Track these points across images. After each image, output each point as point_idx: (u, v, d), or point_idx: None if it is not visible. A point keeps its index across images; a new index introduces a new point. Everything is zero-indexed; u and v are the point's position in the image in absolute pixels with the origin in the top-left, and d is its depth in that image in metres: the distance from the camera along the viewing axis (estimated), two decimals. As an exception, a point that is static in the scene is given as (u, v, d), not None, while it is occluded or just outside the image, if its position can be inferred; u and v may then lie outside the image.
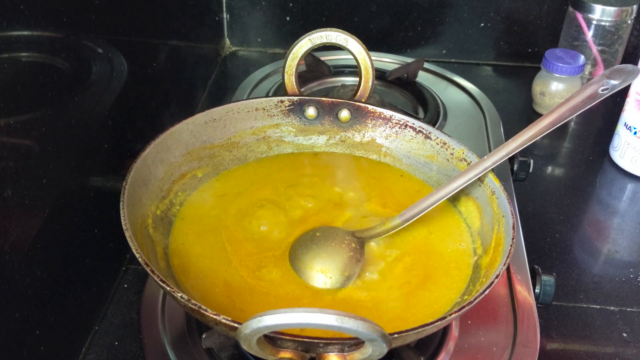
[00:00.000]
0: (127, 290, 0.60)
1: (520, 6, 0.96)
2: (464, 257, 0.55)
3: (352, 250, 0.53)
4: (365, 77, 0.64)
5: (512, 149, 0.55)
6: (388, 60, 0.95)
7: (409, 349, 0.51)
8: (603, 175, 0.80)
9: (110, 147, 0.59)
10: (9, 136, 0.43)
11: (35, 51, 0.46)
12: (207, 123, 0.61)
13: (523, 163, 0.73)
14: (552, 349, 0.58)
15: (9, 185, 0.42)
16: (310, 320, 0.35)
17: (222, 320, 0.41)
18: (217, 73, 0.96)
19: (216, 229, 0.56)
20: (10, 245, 0.43)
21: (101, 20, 0.56)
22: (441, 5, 0.96)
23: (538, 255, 0.67)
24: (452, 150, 0.60)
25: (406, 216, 0.55)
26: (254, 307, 0.49)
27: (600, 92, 0.55)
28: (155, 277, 0.44)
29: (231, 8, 0.98)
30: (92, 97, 0.55)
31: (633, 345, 0.58)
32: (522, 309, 0.57)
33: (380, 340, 0.37)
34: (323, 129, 0.66)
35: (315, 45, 0.63)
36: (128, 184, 0.51)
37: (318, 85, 0.89)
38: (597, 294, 0.63)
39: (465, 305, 0.44)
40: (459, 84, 0.91)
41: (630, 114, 0.77)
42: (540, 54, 0.88)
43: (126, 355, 0.54)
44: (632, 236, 0.71)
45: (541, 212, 0.74)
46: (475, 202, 0.57)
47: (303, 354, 0.41)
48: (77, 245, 0.54)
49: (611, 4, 0.87)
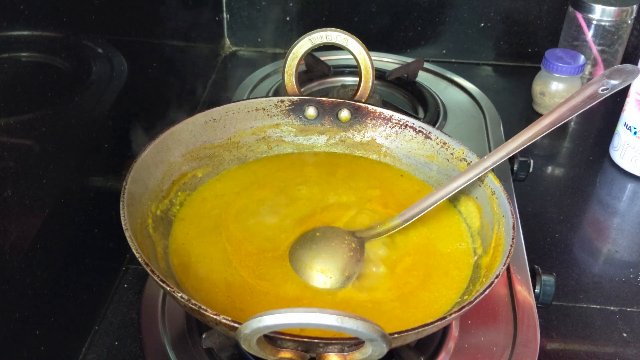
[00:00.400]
0: (127, 290, 0.60)
1: (520, 6, 0.96)
2: (464, 257, 0.55)
3: (352, 250, 0.53)
4: (365, 77, 0.64)
5: (512, 149, 0.55)
6: (388, 60, 0.95)
7: (409, 349, 0.51)
8: (603, 175, 0.80)
9: (110, 147, 0.59)
10: (9, 136, 0.43)
11: (35, 51, 0.46)
12: (207, 123, 0.61)
13: (523, 163, 0.73)
14: (552, 349, 0.58)
15: (9, 185, 0.42)
16: (310, 320, 0.35)
17: (222, 320, 0.41)
18: (217, 73, 0.96)
19: (216, 228, 0.56)
20: (10, 245, 0.43)
21: (101, 20, 0.56)
22: (441, 5, 0.96)
23: (538, 255, 0.67)
24: (452, 150, 0.60)
25: (406, 216, 0.55)
26: (254, 307, 0.49)
27: (600, 92, 0.55)
28: (155, 277, 0.44)
29: (231, 8, 0.98)
30: (92, 97, 0.55)
31: (633, 345, 0.58)
32: (522, 309, 0.57)
33: (380, 340, 0.37)
34: (323, 129, 0.66)
35: (315, 45, 0.63)
36: (128, 184, 0.51)
37: (318, 85, 0.89)
38: (597, 294, 0.63)
39: (465, 305, 0.44)
40: (459, 84, 0.91)
41: (630, 113, 0.77)
42: (540, 54, 0.88)
43: (126, 355, 0.54)
44: (632, 236, 0.71)
45: (541, 212, 0.74)
46: (476, 202, 0.57)
47: (303, 354, 0.41)
48: (77, 245, 0.54)
49: (611, 4, 0.87)
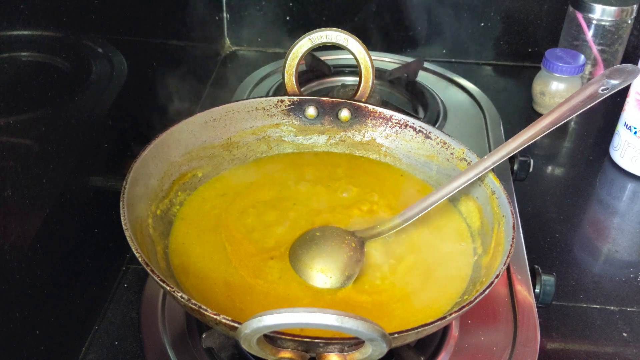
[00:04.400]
0: (127, 290, 0.60)
1: (521, 6, 0.96)
2: (464, 256, 0.55)
3: (352, 250, 0.53)
4: (365, 76, 0.64)
5: (512, 149, 0.55)
6: (388, 60, 0.95)
7: (409, 349, 0.51)
8: (603, 175, 0.80)
9: (110, 146, 0.59)
10: (9, 136, 0.43)
11: (35, 51, 0.46)
12: (207, 123, 0.61)
13: (523, 163, 0.73)
14: (552, 349, 0.58)
15: (9, 185, 0.42)
16: (310, 320, 0.35)
17: (222, 320, 0.41)
18: (217, 72, 0.96)
19: (216, 228, 0.56)
20: (10, 244, 0.43)
21: (101, 19, 0.56)
22: (441, 5, 0.96)
23: (538, 255, 0.67)
24: (452, 150, 0.60)
25: (406, 216, 0.55)
26: (254, 307, 0.49)
27: (600, 92, 0.55)
28: (155, 277, 0.44)
29: (231, 7, 0.98)
30: (92, 97, 0.55)
31: (633, 345, 0.58)
32: (522, 309, 0.57)
33: (380, 340, 0.37)
34: (323, 129, 0.66)
35: (315, 44, 0.63)
36: (128, 184, 0.51)
37: (318, 84, 0.89)
38: (597, 294, 0.63)
39: (465, 305, 0.44)
40: (459, 84, 0.91)
41: (630, 113, 0.77)
42: (541, 53, 0.88)
43: (126, 355, 0.54)
44: (632, 236, 0.71)
45: (541, 212, 0.74)
46: (476, 201, 0.57)
47: (303, 354, 0.41)
48: (77, 245, 0.54)
49: (611, 3, 0.87)
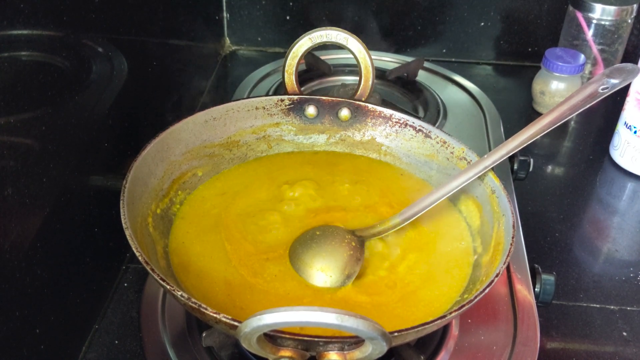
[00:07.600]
0: (127, 289, 0.60)
1: (521, 5, 0.96)
2: (464, 255, 0.55)
3: (352, 249, 0.53)
4: (365, 76, 0.64)
5: (512, 148, 0.55)
6: (388, 59, 0.95)
7: (409, 348, 0.51)
8: (603, 175, 0.80)
9: (111, 146, 0.59)
10: (10, 135, 0.43)
11: (35, 50, 0.46)
12: (207, 122, 0.61)
13: (523, 162, 0.73)
14: (552, 348, 0.58)
15: (9, 184, 0.42)
16: (310, 319, 0.35)
17: (222, 319, 0.41)
18: (217, 72, 0.96)
19: (216, 227, 0.56)
20: (11, 244, 0.43)
21: (101, 19, 0.56)
22: (441, 4, 0.96)
23: (538, 254, 0.67)
24: (452, 149, 0.60)
25: (406, 215, 0.55)
26: (254, 306, 0.49)
27: (600, 91, 0.55)
28: (156, 276, 0.44)
29: (231, 7, 0.98)
30: (93, 96, 0.55)
31: (633, 344, 0.58)
32: (522, 308, 0.57)
33: (380, 338, 0.37)
34: (323, 128, 0.66)
35: (315, 44, 0.63)
36: (128, 183, 0.51)
37: (318, 84, 0.89)
38: (597, 293, 0.64)
39: (466, 304, 0.44)
40: (459, 83, 0.91)
41: (630, 113, 0.77)
42: (541, 53, 0.88)
43: (126, 354, 0.54)
44: (632, 235, 0.71)
45: (541, 211, 0.74)
46: (475, 201, 0.57)
47: (303, 353, 0.41)
48: (77, 244, 0.54)
49: (611, 3, 0.87)
